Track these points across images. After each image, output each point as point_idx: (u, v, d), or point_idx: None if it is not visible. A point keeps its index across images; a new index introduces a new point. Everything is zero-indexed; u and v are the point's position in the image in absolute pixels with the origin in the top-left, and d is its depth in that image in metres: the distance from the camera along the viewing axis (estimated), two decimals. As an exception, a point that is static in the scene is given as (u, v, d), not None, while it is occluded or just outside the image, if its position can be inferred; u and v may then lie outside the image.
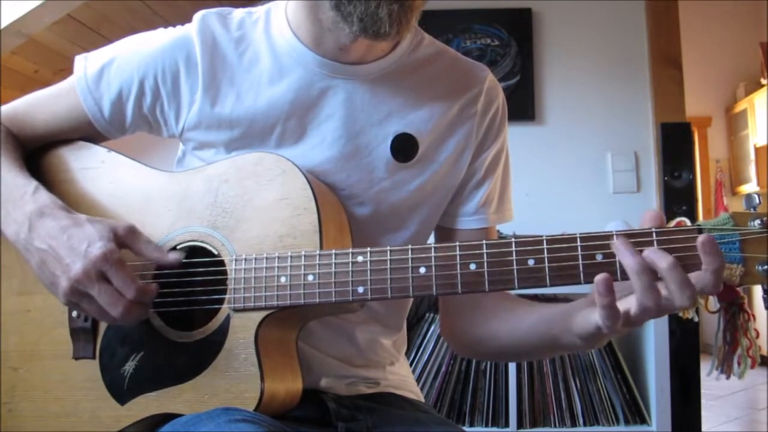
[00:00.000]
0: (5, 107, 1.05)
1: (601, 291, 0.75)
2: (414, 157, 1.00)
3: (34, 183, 0.94)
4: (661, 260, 0.74)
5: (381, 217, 1.01)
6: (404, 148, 1.00)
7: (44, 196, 0.92)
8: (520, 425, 2.32)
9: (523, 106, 2.80)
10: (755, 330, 0.79)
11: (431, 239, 1.11)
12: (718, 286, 0.73)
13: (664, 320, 2.31)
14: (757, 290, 0.76)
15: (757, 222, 0.73)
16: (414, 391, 1.14)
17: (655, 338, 2.31)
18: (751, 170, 5.30)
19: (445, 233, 1.09)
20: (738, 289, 0.77)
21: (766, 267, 0.72)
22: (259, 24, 1.01)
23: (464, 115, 1.04)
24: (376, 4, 0.86)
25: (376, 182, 1.00)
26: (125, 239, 0.89)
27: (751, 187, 5.29)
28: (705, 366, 0.85)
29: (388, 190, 1.01)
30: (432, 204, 1.04)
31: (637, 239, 0.76)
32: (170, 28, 1.02)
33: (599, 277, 0.74)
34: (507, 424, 2.32)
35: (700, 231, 0.75)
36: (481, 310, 1.04)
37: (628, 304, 0.77)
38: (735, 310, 0.78)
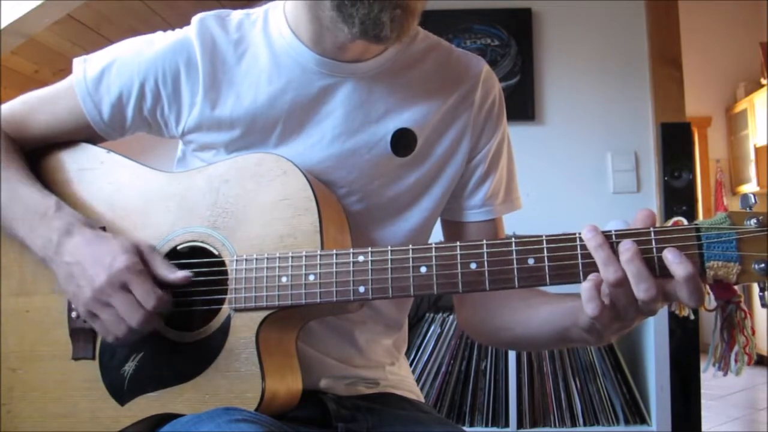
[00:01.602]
0: (2, 107, 1.05)
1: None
2: (413, 151, 1.01)
3: (53, 198, 0.96)
4: (623, 253, 0.76)
5: (382, 211, 1.02)
6: (403, 142, 1.00)
7: (68, 213, 0.94)
8: (520, 425, 2.32)
9: (523, 106, 2.80)
10: (752, 327, 0.79)
11: (438, 233, 1.11)
12: (695, 295, 0.74)
13: (664, 320, 2.31)
14: (755, 288, 0.77)
15: (754, 221, 0.74)
16: (414, 391, 1.14)
17: (655, 338, 2.31)
18: (751, 170, 5.30)
19: (454, 227, 1.09)
20: (735, 287, 0.77)
21: (762, 265, 0.73)
22: (258, 24, 1.01)
23: (461, 107, 1.04)
24: (379, 7, 0.87)
25: (376, 177, 1.00)
26: (146, 256, 0.90)
27: (751, 187, 5.29)
28: (705, 365, 0.85)
29: (388, 184, 1.01)
30: (432, 196, 1.04)
31: (635, 239, 0.77)
32: (169, 31, 1.02)
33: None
34: (507, 424, 2.32)
35: (697, 230, 0.76)
36: (495, 300, 1.04)
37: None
38: (732, 308, 0.79)
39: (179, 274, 0.89)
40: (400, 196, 1.02)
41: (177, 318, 0.92)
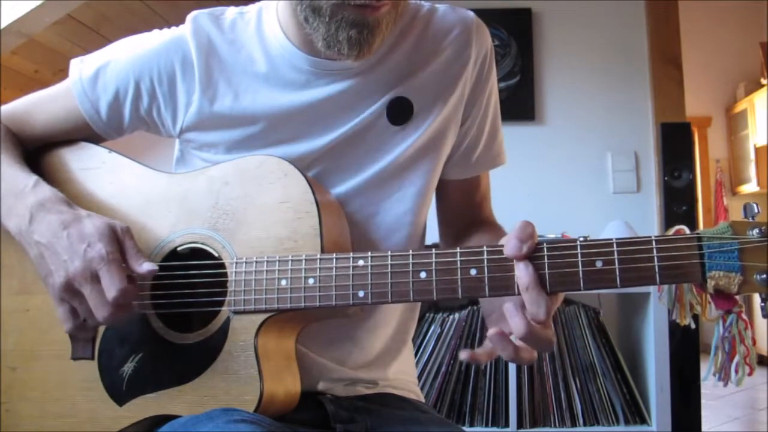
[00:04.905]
0: (4, 107, 1.05)
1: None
2: (410, 118, 1.01)
3: (34, 177, 0.95)
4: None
5: (384, 179, 1.01)
6: (399, 111, 1.01)
7: (45, 189, 0.93)
8: (520, 425, 2.32)
9: (523, 106, 2.80)
10: (752, 337, 0.79)
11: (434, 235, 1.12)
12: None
13: (664, 320, 2.31)
14: (757, 298, 0.76)
15: (756, 231, 0.73)
16: (414, 391, 1.13)
17: (655, 339, 2.31)
18: (751, 170, 5.29)
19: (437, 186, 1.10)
20: (736, 297, 0.77)
21: (764, 276, 0.72)
22: (251, 24, 1.01)
23: (456, 65, 1.03)
24: (335, 26, 0.88)
25: (378, 149, 1.01)
26: (121, 241, 0.88)
27: (751, 187, 5.29)
28: (705, 367, 0.85)
29: (387, 152, 1.01)
30: (433, 156, 1.04)
31: (635, 247, 0.76)
32: (165, 30, 1.02)
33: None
34: (507, 424, 2.32)
35: (699, 239, 0.75)
36: (467, 234, 1.09)
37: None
38: (733, 318, 0.79)
39: (144, 266, 0.86)
40: (402, 161, 1.02)
41: (176, 320, 0.92)
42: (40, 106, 1.05)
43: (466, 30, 1.04)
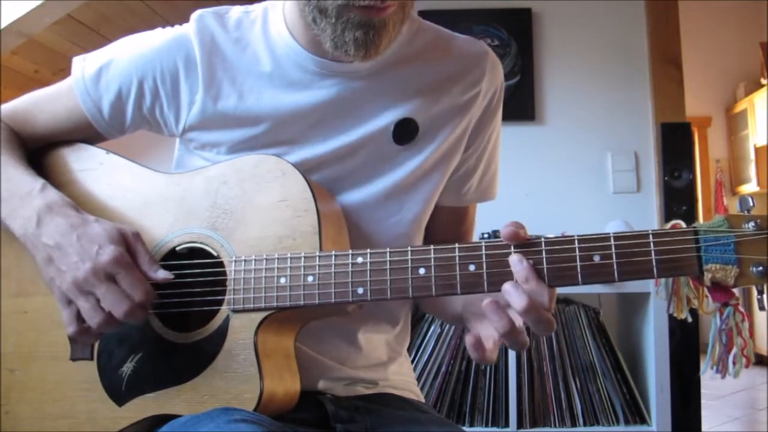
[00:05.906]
0: (4, 107, 1.05)
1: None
2: (414, 138, 1.01)
3: (41, 180, 0.95)
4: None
5: (384, 199, 1.02)
6: (404, 132, 1.01)
7: (53, 193, 0.93)
8: (520, 425, 2.32)
9: (523, 106, 2.80)
10: (749, 330, 0.80)
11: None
12: (539, 325, 0.79)
13: (664, 320, 2.31)
14: (754, 292, 0.77)
15: (751, 224, 0.74)
16: (414, 391, 1.13)
17: (655, 338, 2.31)
18: (751, 170, 5.29)
19: None
20: (733, 290, 0.77)
21: (760, 268, 0.73)
22: (257, 23, 1.01)
23: (467, 95, 1.04)
24: (341, 27, 0.88)
25: (378, 166, 1.01)
26: (131, 246, 0.89)
27: (751, 187, 5.29)
28: (703, 368, 0.86)
29: (388, 171, 1.01)
30: (432, 183, 1.05)
31: (633, 241, 0.77)
32: (168, 28, 1.02)
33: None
34: (507, 424, 2.32)
35: (695, 233, 0.76)
36: None
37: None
38: (730, 310, 0.79)
39: (160, 274, 0.88)
40: (401, 181, 1.02)
41: (175, 319, 0.92)
42: (41, 105, 1.05)
43: (481, 63, 1.05)
